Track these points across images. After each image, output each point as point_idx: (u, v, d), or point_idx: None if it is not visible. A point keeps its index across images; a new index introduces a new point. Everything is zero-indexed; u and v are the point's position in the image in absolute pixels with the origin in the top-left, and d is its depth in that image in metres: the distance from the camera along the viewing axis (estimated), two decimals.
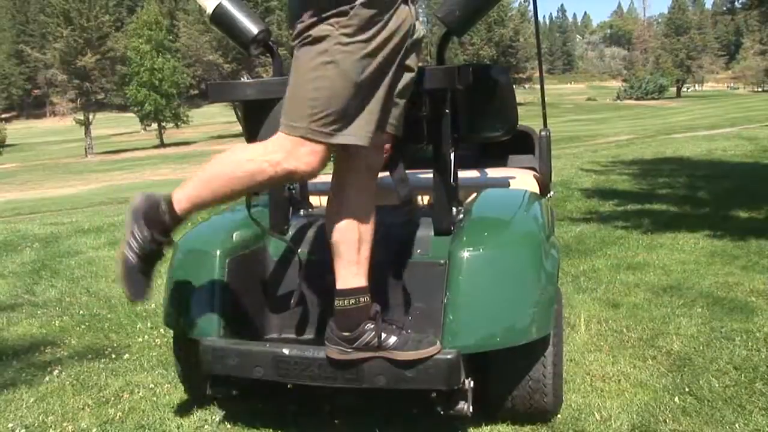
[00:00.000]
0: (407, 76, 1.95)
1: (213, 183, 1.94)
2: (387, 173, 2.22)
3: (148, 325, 3.70)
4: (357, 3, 1.77)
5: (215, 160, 1.97)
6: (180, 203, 1.97)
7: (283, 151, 1.85)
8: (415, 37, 1.93)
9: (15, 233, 7.12)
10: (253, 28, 2.30)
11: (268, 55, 2.49)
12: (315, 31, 1.80)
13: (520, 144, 3.38)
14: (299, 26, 1.84)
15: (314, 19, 1.80)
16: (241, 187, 1.93)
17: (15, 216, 11.37)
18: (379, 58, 1.82)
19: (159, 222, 1.97)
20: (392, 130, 1.99)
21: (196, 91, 69.36)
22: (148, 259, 1.99)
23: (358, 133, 1.84)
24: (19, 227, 7.71)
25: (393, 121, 1.97)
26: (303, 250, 2.38)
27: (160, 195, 2.00)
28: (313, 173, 1.90)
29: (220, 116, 62.29)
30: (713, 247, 4.90)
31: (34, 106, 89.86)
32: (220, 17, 2.32)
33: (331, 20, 1.78)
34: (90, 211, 10.22)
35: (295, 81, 1.86)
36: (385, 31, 1.81)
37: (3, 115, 69.88)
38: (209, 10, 2.32)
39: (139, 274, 1.98)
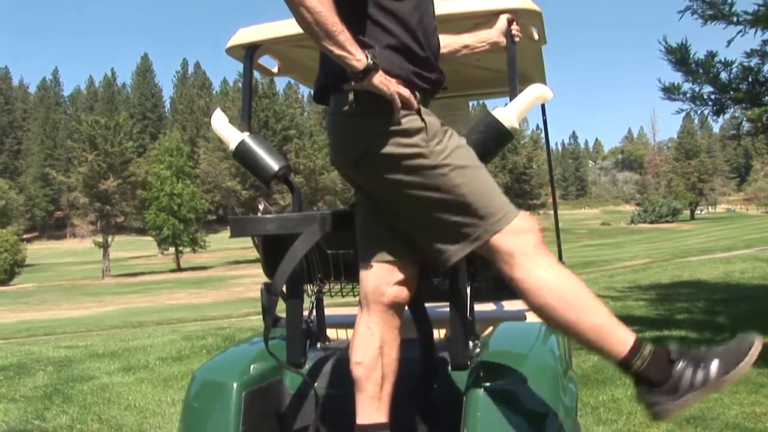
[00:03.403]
0: None
1: (586, 311, 1.90)
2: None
3: None
4: (423, 114, 1.85)
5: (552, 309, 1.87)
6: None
7: (509, 246, 1.87)
8: None
9: (29, 356, 7.12)
10: (274, 165, 2.37)
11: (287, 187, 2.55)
12: (410, 162, 1.83)
13: None
14: (389, 160, 1.84)
15: (406, 147, 1.83)
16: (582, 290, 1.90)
17: (30, 337, 11.36)
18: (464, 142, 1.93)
19: None
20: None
21: (214, 217, 70.68)
22: None
23: (511, 206, 1.89)
24: (33, 349, 7.71)
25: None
26: (320, 384, 2.37)
27: None
28: (537, 225, 1.93)
29: (236, 242, 62.83)
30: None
31: (55, 227, 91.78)
32: (242, 153, 2.39)
33: (417, 139, 1.83)
34: (104, 335, 10.20)
35: (435, 208, 1.86)
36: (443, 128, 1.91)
37: (25, 236, 71.15)
38: (232, 146, 2.40)
39: None
